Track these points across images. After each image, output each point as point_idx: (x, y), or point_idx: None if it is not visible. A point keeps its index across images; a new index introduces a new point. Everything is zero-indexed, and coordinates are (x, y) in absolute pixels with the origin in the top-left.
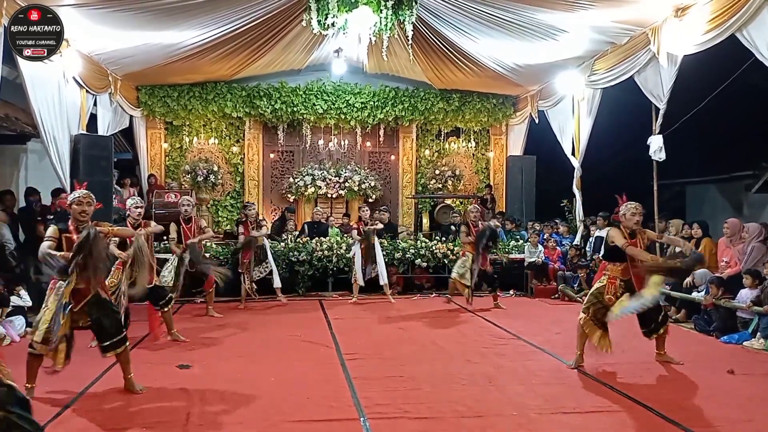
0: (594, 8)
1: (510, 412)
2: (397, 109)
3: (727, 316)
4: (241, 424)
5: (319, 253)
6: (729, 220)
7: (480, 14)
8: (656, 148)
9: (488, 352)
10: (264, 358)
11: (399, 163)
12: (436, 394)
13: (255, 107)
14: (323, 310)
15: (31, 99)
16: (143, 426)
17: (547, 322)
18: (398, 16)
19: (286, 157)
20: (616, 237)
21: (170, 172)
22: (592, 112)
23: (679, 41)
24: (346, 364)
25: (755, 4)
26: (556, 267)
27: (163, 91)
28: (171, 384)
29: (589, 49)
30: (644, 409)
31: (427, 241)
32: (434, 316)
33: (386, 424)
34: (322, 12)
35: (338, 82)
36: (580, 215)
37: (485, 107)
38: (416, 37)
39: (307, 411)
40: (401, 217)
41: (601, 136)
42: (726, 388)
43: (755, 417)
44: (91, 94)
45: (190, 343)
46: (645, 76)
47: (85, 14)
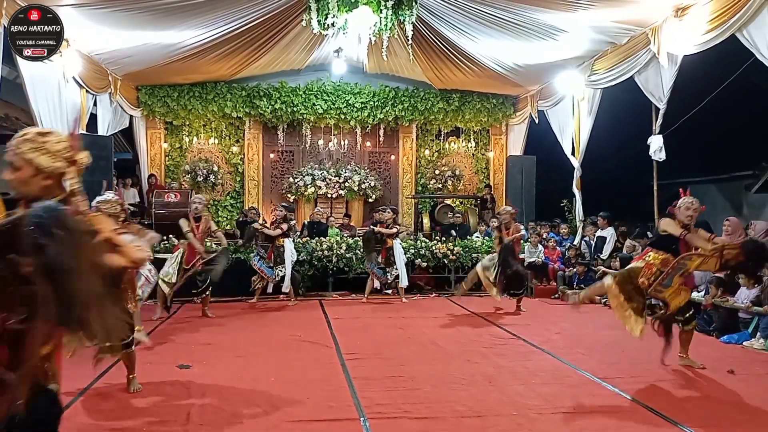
0: (594, 8)
1: (510, 412)
2: (397, 109)
3: (727, 316)
4: (241, 424)
5: (319, 253)
6: (729, 218)
7: (480, 14)
8: (656, 148)
9: (488, 352)
10: (264, 358)
11: (399, 163)
12: (436, 394)
13: (255, 107)
14: (323, 310)
15: (31, 99)
16: (143, 425)
17: (547, 322)
18: (398, 16)
19: (286, 157)
20: (669, 226)
21: (170, 172)
22: (592, 112)
23: (679, 41)
24: (346, 364)
25: (755, 4)
26: (556, 267)
27: (163, 91)
28: (171, 383)
29: (589, 49)
30: (644, 409)
31: (427, 241)
32: (434, 316)
33: (386, 424)
34: (322, 12)
35: (338, 82)
36: (580, 215)
37: (485, 107)
38: (416, 37)
39: (307, 411)
40: (401, 217)
41: (601, 136)
42: (726, 388)
43: (755, 417)
44: (91, 94)
45: (190, 343)
46: (645, 76)
47: (85, 14)
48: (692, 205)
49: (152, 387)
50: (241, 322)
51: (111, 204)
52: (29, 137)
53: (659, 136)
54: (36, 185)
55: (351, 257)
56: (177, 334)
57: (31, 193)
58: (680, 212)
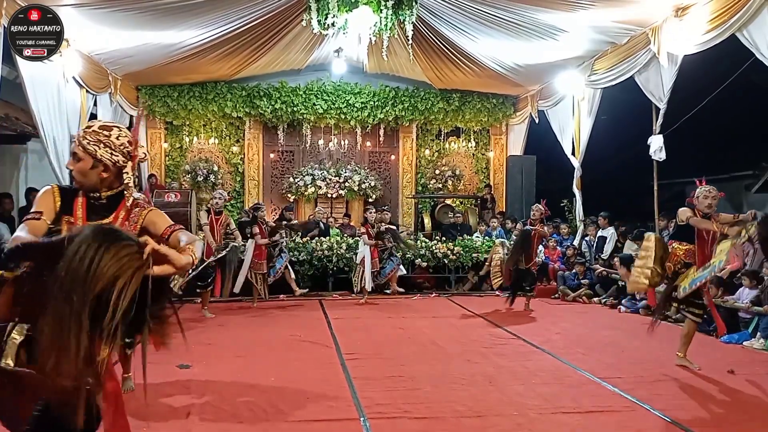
0: (594, 8)
1: (510, 412)
2: (397, 109)
3: (727, 316)
4: (241, 424)
5: (319, 253)
6: None
7: (480, 14)
8: (656, 148)
9: (488, 352)
10: (264, 358)
11: (399, 163)
12: (436, 394)
13: (255, 107)
14: (323, 310)
15: (31, 99)
16: (143, 425)
17: (547, 322)
18: (398, 16)
19: (286, 157)
20: (682, 213)
21: (170, 172)
22: (592, 112)
23: (680, 41)
24: (346, 364)
25: (755, 4)
26: (556, 267)
27: (163, 90)
28: (171, 383)
29: (589, 49)
30: (644, 409)
31: (427, 241)
32: (434, 316)
33: (386, 424)
34: (322, 12)
35: (338, 82)
36: (580, 215)
37: (485, 107)
38: (416, 37)
39: (307, 411)
40: (401, 217)
41: (601, 135)
42: (726, 388)
43: (755, 417)
44: (91, 94)
45: (190, 343)
46: (645, 76)
47: (85, 14)
48: (710, 193)
49: (152, 387)
50: (241, 322)
51: None
52: (93, 130)
53: (659, 136)
54: (95, 176)
55: (351, 257)
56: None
57: (90, 184)
58: (699, 202)
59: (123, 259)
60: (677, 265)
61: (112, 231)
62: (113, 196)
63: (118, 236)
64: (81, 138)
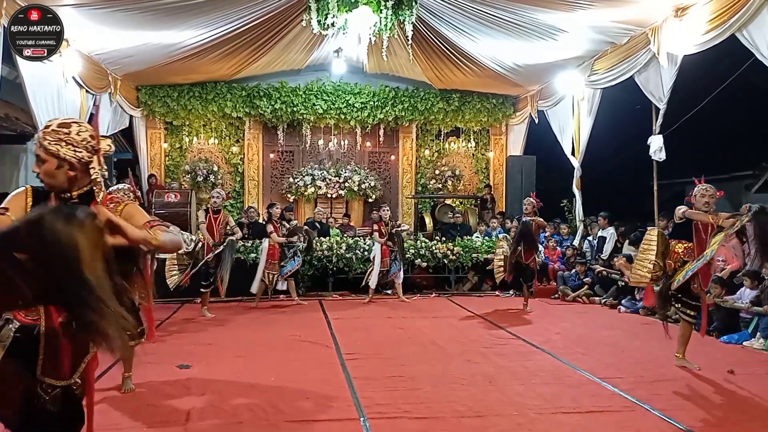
0: (594, 8)
1: (510, 412)
2: (397, 109)
3: (727, 316)
4: (241, 424)
5: (319, 253)
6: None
7: (480, 14)
8: (656, 148)
9: (488, 352)
10: (264, 358)
11: (399, 163)
12: (436, 394)
13: (255, 107)
14: (323, 310)
15: (31, 99)
16: (143, 425)
17: (547, 322)
18: (398, 16)
19: (286, 157)
20: (678, 210)
21: (170, 172)
22: (592, 112)
23: (679, 41)
24: (346, 364)
25: (755, 4)
26: (556, 267)
27: (163, 91)
28: (171, 383)
29: (589, 49)
30: (644, 409)
31: (427, 241)
32: (434, 316)
33: (386, 424)
34: (322, 12)
35: (338, 82)
36: (580, 215)
37: (485, 107)
38: (416, 37)
39: (307, 411)
40: (401, 217)
41: (601, 136)
42: (726, 388)
43: (755, 417)
44: (91, 94)
45: (190, 343)
46: (645, 76)
47: (85, 14)
48: (707, 191)
49: (152, 387)
50: (241, 322)
51: (124, 192)
52: (52, 129)
53: (659, 136)
54: (62, 176)
55: (351, 257)
56: (177, 334)
57: (59, 185)
58: (697, 200)
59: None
60: (677, 263)
61: (67, 206)
62: (84, 194)
63: (74, 209)
64: (41, 139)
